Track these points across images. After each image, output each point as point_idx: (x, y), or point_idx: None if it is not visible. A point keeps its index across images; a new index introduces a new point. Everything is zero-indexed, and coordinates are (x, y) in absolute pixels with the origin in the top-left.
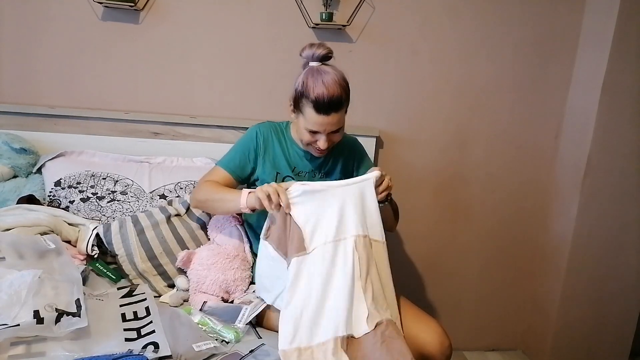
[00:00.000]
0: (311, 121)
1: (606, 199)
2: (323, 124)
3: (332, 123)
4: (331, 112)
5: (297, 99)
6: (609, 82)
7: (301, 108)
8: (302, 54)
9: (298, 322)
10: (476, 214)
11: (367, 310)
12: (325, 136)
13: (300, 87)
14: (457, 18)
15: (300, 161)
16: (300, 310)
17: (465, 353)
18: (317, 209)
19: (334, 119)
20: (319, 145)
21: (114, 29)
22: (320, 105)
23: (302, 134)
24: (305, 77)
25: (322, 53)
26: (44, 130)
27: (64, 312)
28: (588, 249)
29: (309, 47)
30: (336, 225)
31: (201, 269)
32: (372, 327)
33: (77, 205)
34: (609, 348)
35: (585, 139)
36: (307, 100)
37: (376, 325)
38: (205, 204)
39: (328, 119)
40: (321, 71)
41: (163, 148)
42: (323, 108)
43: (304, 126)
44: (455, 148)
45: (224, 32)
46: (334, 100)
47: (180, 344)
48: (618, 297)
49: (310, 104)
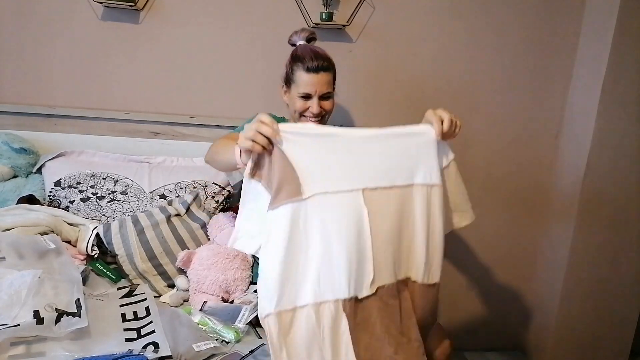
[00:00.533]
0: (303, 83)
1: (606, 199)
2: (314, 83)
3: (321, 83)
4: (320, 71)
5: (288, 72)
6: (609, 82)
7: (292, 76)
8: (290, 40)
9: (289, 279)
10: (476, 214)
11: (373, 272)
12: (317, 100)
13: (289, 60)
14: (457, 18)
15: None
16: (290, 265)
17: (465, 353)
18: (322, 152)
19: (323, 78)
20: (311, 109)
21: (114, 29)
22: (310, 65)
23: (295, 104)
24: (293, 51)
25: (306, 34)
26: (44, 130)
27: (64, 312)
28: (588, 249)
29: (294, 33)
30: (345, 172)
31: (201, 269)
32: (373, 291)
33: (77, 205)
34: (609, 348)
35: (585, 139)
36: (298, 65)
37: (377, 290)
38: (212, 161)
39: (318, 77)
40: (307, 45)
41: (163, 148)
42: (313, 67)
43: (296, 93)
44: (454, 148)
45: (224, 32)
46: (322, 59)
47: (180, 344)
48: (618, 297)
49: (300, 65)
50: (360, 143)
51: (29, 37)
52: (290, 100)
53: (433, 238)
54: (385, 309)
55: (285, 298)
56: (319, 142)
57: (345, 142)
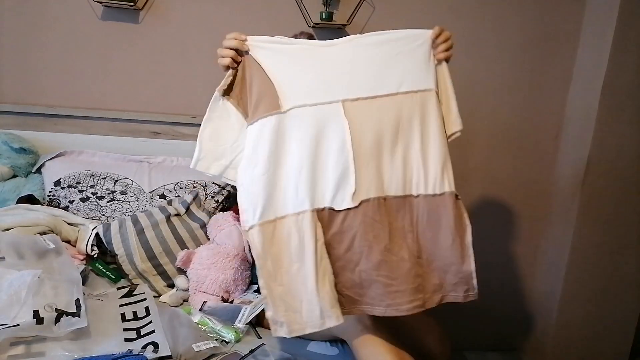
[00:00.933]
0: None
1: (606, 199)
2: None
3: None
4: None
5: None
6: (609, 82)
7: None
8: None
9: (270, 191)
10: (476, 214)
11: (354, 185)
12: None
13: None
14: (457, 18)
15: None
16: (272, 177)
17: (465, 353)
18: (298, 62)
19: None
20: None
21: (113, 29)
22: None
23: None
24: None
25: (306, 37)
26: (44, 130)
27: (63, 312)
28: (588, 248)
29: (294, 36)
30: (324, 83)
31: (201, 269)
32: (356, 204)
33: (76, 205)
34: (609, 348)
35: (585, 139)
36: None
37: (361, 203)
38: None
39: None
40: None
41: (163, 148)
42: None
43: None
44: (454, 148)
45: (224, 32)
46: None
47: (180, 344)
48: (618, 297)
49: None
50: (342, 51)
51: (29, 37)
52: None
53: (432, 145)
54: (372, 224)
55: (267, 209)
56: (295, 52)
57: (324, 52)
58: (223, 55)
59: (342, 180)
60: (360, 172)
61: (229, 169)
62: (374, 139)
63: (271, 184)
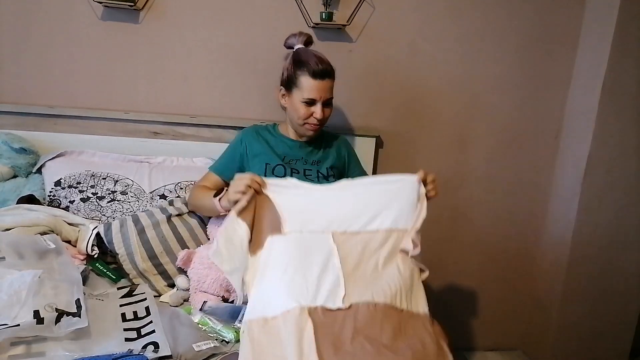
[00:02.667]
0: (308, 88)
1: (606, 199)
2: (319, 89)
3: (326, 89)
4: (325, 77)
5: (290, 76)
6: (609, 82)
7: (296, 81)
8: (287, 43)
9: (268, 295)
10: (476, 214)
11: (344, 290)
12: (321, 106)
13: (291, 65)
14: (457, 18)
15: (290, 150)
16: (273, 283)
17: (465, 353)
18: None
19: (327, 84)
20: (315, 114)
21: (113, 29)
22: (316, 71)
23: (297, 110)
24: (295, 55)
25: (305, 38)
26: (43, 130)
27: (64, 312)
28: (588, 249)
29: (292, 36)
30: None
31: (201, 268)
32: (347, 306)
33: (77, 205)
34: (609, 348)
35: (585, 139)
36: (302, 70)
37: (350, 306)
38: (195, 209)
39: (323, 83)
40: (308, 49)
41: (163, 148)
42: (319, 73)
43: (300, 98)
44: (455, 148)
45: (224, 32)
46: (327, 66)
47: (180, 343)
48: (618, 297)
49: (306, 72)
50: (335, 192)
51: (29, 37)
52: (291, 105)
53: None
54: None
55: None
56: (298, 192)
57: (320, 193)
58: (242, 191)
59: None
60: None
61: (238, 270)
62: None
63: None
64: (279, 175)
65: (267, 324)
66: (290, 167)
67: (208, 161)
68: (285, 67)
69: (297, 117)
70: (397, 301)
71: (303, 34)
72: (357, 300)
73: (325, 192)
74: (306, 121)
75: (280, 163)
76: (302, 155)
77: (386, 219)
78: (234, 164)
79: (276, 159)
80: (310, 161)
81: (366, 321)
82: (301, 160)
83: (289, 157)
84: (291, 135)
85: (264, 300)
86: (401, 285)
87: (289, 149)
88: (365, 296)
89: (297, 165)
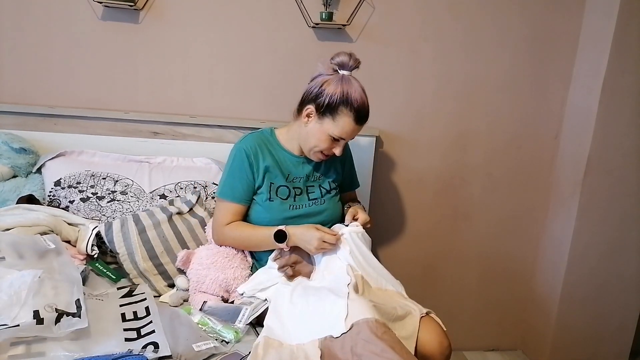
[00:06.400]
0: (345, 129)
1: (606, 199)
2: (354, 132)
3: (357, 132)
4: (364, 122)
5: (331, 105)
6: (609, 82)
7: (334, 114)
8: (335, 60)
9: (287, 325)
10: (476, 214)
11: (347, 310)
12: (343, 144)
13: (339, 95)
14: (457, 18)
15: (294, 168)
16: (294, 316)
17: (465, 353)
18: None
19: (361, 128)
20: (335, 151)
21: (113, 29)
22: (361, 116)
23: (320, 139)
24: (344, 86)
25: (355, 64)
26: (43, 130)
27: (64, 313)
28: (588, 249)
29: (344, 55)
30: (341, 270)
31: (201, 269)
32: (348, 328)
33: (77, 205)
34: (609, 348)
35: (585, 139)
36: (348, 109)
37: (352, 326)
38: (243, 248)
39: (359, 128)
40: (352, 81)
41: (163, 148)
42: (362, 118)
43: (331, 132)
44: (455, 148)
45: (224, 32)
46: (368, 111)
47: (180, 344)
48: (618, 297)
49: (351, 113)
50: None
51: (29, 37)
52: (314, 130)
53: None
54: (364, 346)
55: (276, 334)
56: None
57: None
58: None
59: (338, 307)
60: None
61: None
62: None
63: (288, 316)
64: (282, 197)
65: (282, 346)
66: (293, 185)
67: (208, 161)
68: (329, 92)
69: (315, 145)
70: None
71: (356, 58)
72: (357, 318)
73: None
74: (322, 151)
75: (285, 184)
76: (306, 172)
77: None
78: (248, 183)
79: (281, 178)
80: (313, 178)
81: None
82: (304, 178)
83: (293, 174)
84: (295, 151)
85: (283, 329)
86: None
87: (292, 167)
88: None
89: (300, 183)
